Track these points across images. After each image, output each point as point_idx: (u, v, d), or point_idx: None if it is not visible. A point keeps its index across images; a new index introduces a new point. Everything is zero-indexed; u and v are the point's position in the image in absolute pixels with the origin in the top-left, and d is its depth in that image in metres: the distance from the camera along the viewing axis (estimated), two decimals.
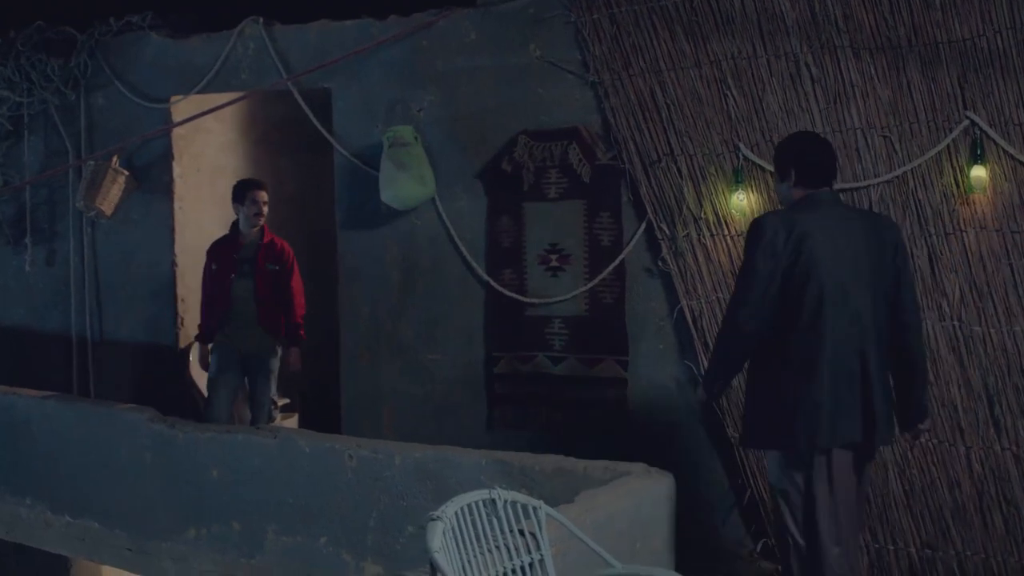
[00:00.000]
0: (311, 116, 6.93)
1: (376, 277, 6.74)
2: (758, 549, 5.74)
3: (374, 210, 6.66)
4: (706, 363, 5.30)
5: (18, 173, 8.18)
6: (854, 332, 4.24)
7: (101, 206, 7.48)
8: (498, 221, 6.34)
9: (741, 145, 5.58)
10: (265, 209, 6.88)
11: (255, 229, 6.91)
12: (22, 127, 8.12)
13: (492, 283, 6.35)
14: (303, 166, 8.62)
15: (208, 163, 7.95)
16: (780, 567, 4.60)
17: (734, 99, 5.61)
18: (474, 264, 6.42)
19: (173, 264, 7.63)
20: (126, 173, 7.56)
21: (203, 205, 7.78)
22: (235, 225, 7.00)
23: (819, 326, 4.20)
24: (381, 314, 6.75)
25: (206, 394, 7.02)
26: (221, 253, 6.94)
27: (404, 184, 6.33)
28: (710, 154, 5.67)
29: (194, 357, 7.51)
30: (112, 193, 7.49)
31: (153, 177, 7.69)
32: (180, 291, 7.64)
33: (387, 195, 6.43)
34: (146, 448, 6.14)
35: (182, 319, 7.64)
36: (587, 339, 6.15)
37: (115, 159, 7.52)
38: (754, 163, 5.55)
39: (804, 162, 4.45)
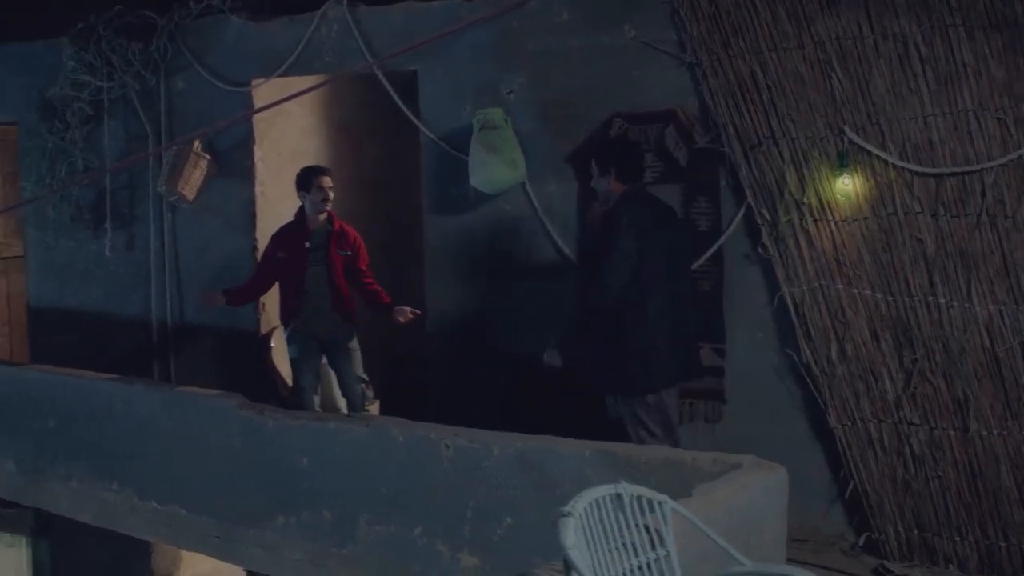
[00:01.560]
0: (397, 99, 6.83)
1: (464, 263, 6.64)
2: (860, 543, 5.60)
3: (462, 195, 6.56)
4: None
5: (98, 157, 8.19)
6: (667, 304, 5.27)
7: (183, 191, 7.47)
8: (590, 206, 6.20)
9: (846, 128, 5.41)
10: (331, 195, 6.67)
11: (322, 216, 6.74)
12: (102, 111, 8.15)
13: (583, 269, 6.22)
14: (385, 150, 8.54)
15: (288, 147, 7.87)
16: None
17: (839, 81, 5.44)
18: (565, 249, 6.30)
19: (254, 249, 7.58)
20: (208, 157, 7.53)
21: (284, 190, 7.68)
22: (301, 212, 6.78)
23: (647, 301, 5.22)
24: (468, 301, 6.65)
25: (290, 380, 6.95)
26: (290, 242, 6.71)
27: (495, 168, 6.23)
28: (813, 137, 5.51)
29: (275, 343, 7.47)
30: (194, 178, 7.47)
31: (234, 161, 7.66)
32: None
33: (477, 179, 6.34)
34: (235, 434, 6.07)
35: (263, 304, 7.57)
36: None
37: (197, 143, 7.48)
38: (860, 147, 5.38)
39: (625, 161, 5.45)
